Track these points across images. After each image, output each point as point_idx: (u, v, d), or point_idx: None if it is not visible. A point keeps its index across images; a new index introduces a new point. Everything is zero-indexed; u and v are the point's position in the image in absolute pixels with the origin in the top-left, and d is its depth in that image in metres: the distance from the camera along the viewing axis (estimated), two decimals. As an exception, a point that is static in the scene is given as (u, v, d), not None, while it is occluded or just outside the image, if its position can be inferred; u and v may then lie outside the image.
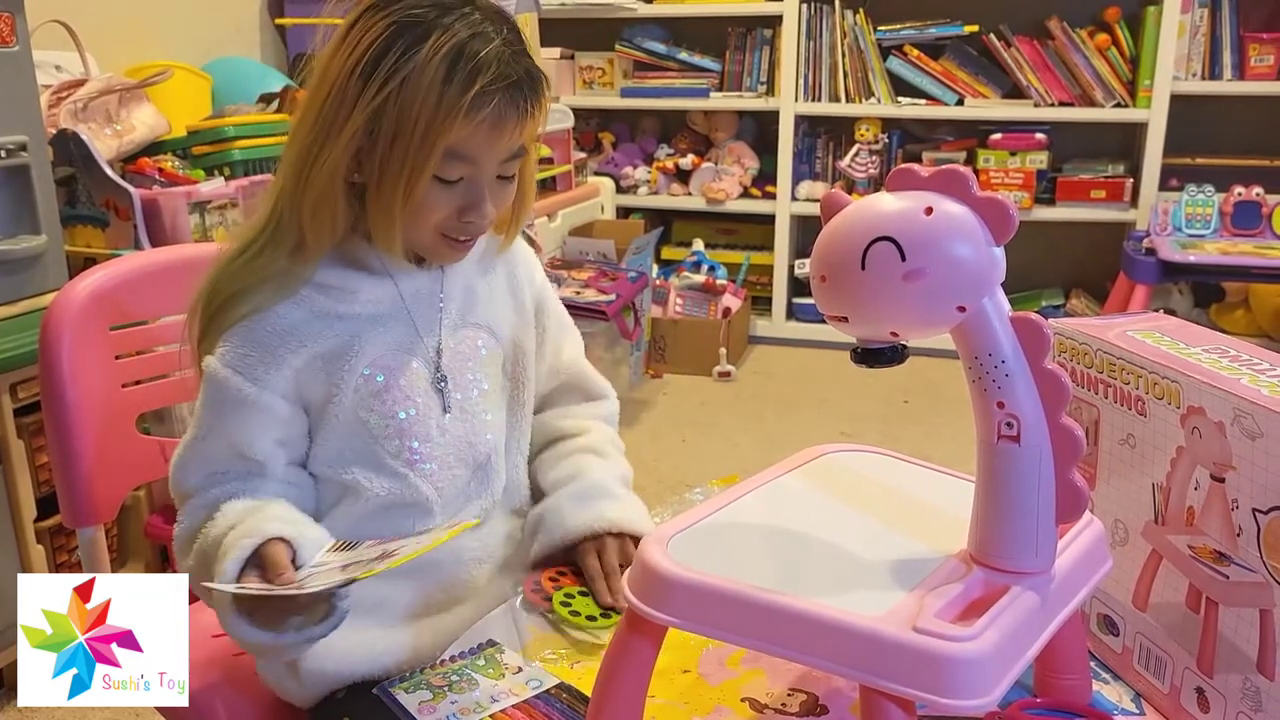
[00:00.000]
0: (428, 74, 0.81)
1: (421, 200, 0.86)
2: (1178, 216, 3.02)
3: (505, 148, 0.87)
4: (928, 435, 2.82)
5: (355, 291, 0.91)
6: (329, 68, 0.85)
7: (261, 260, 0.89)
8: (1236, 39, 3.27)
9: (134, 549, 1.90)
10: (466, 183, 0.87)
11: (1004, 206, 0.58)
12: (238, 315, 0.89)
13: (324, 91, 0.84)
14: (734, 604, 0.61)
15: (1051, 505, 0.61)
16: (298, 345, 0.89)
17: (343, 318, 0.90)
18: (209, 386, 0.90)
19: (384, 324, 0.92)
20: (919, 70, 3.53)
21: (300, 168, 0.86)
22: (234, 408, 0.88)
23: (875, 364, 0.62)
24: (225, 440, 0.90)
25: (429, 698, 0.79)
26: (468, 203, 0.88)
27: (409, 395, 0.92)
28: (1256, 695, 0.67)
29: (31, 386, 1.65)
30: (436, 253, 0.92)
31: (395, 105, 0.82)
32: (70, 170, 1.85)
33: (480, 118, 0.83)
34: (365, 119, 0.83)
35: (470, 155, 0.86)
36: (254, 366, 0.88)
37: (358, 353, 0.90)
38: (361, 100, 0.82)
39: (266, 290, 0.89)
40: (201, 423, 0.91)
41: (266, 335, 0.88)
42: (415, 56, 0.81)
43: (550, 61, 3.73)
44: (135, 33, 2.49)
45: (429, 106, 0.82)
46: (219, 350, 0.89)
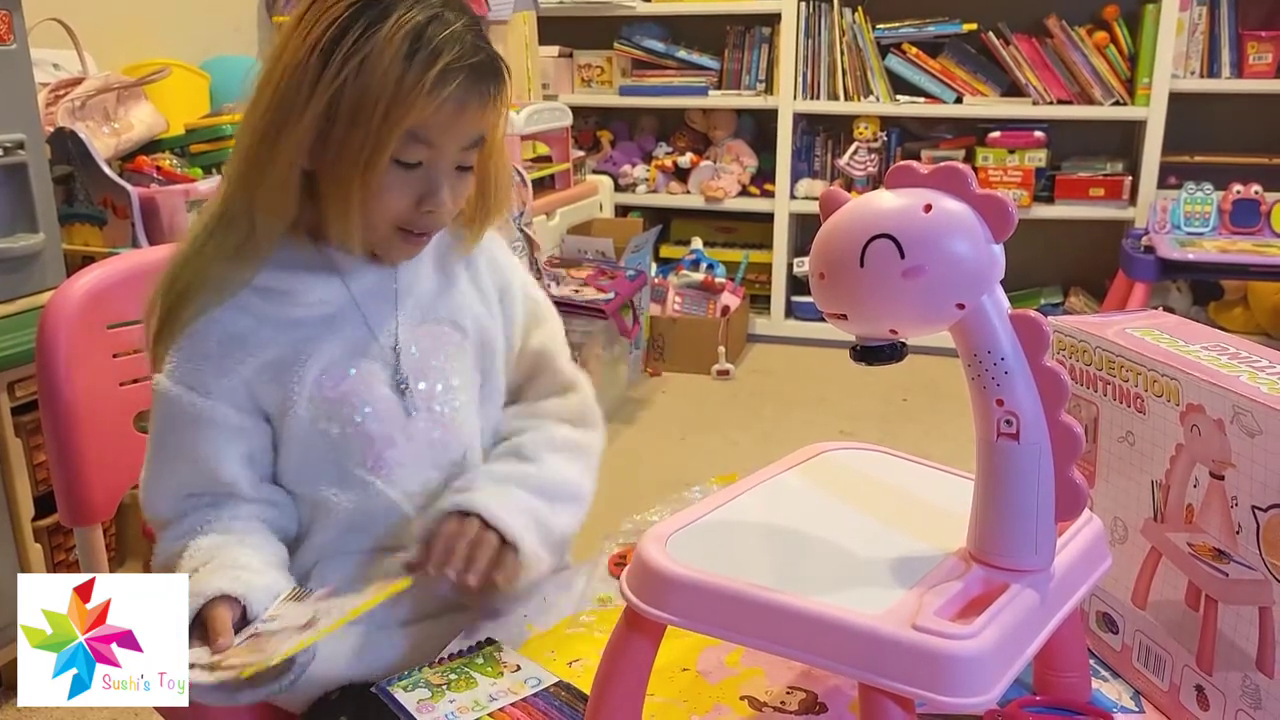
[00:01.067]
0: (389, 51, 0.80)
1: (380, 186, 0.83)
2: (1176, 214, 3.02)
3: (466, 132, 0.85)
4: (926, 433, 2.82)
5: (300, 293, 0.88)
6: (284, 50, 0.82)
7: (207, 251, 0.86)
8: (1235, 37, 3.27)
9: (132, 547, 1.90)
10: (425, 169, 0.85)
11: (1003, 204, 0.57)
12: (184, 320, 0.86)
13: (280, 74, 0.82)
14: (733, 602, 0.61)
15: (1051, 503, 0.60)
16: (245, 355, 0.87)
17: (290, 322, 0.88)
18: (161, 405, 0.88)
19: (334, 326, 0.89)
20: (917, 68, 3.53)
21: (255, 154, 0.83)
22: (189, 425, 0.87)
23: (874, 361, 0.61)
24: (188, 461, 0.88)
25: (427, 696, 0.78)
26: (426, 190, 0.85)
27: (367, 400, 0.89)
28: (1256, 693, 0.67)
29: (29, 385, 1.65)
30: (390, 248, 0.89)
31: (356, 84, 0.80)
32: (68, 168, 1.84)
33: (443, 96, 0.81)
34: (325, 100, 0.81)
35: (431, 138, 0.83)
36: (204, 379, 0.86)
37: (308, 359, 0.88)
38: (322, 80, 0.80)
39: (209, 291, 0.86)
40: (160, 444, 0.89)
41: (213, 346, 0.86)
42: (376, 35, 0.80)
43: (549, 59, 3.73)
44: (133, 31, 2.48)
45: (390, 84, 0.80)
46: (166, 367, 0.87)
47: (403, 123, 0.81)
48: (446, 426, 0.94)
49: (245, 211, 0.85)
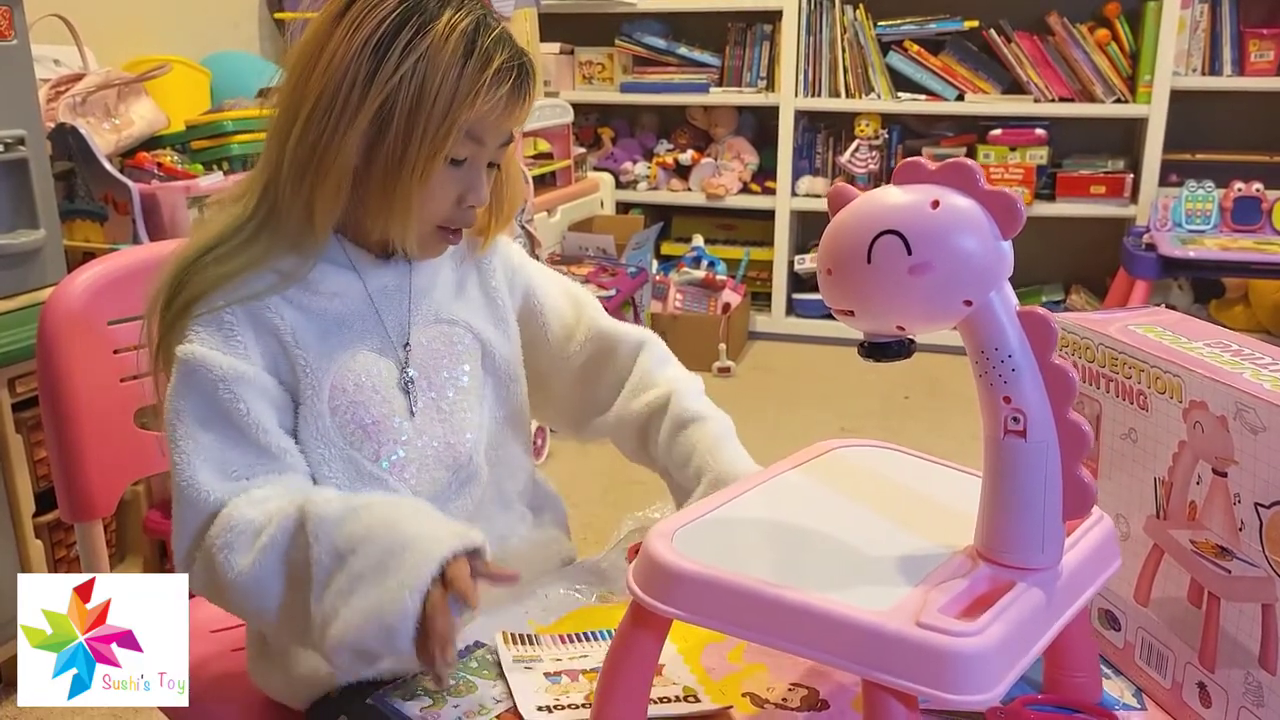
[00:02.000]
0: (446, 51, 0.81)
1: (432, 184, 0.84)
2: (1178, 212, 3.02)
3: (508, 130, 0.88)
4: (928, 431, 2.82)
5: (318, 282, 0.88)
6: (328, 48, 0.82)
7: (250, 252, 0.85)
8: (1236, 34, 3.26)
9: (133, 544, 1.90)
10: (468, 167, 0.87)
11: (1011, 200, 0.57)
12: (214, 305, 0.84)
13: (328, 69, 0.81)
14: (738, 597, 0.61)
15: (1058, 501, 0.60)
16: (270, 331, 0.86)
17: (309, 310, 0.88)
18: (188, 377, 0.82)
19: (348, 321, 0.89)
20: (919, 66, 3.53)
21: (308, 155, 0.82)
22: (227, 388, 0.82)
23: (882, 358, 0.61)
24: (229, 433, 0.82)
25: (429, 703, 0.77)
26: (469, 187, 0.87)
27: (381, 397, 0.89)
28: (1258, 690, 0.67)
29: (30, 381, 1.64)
30: (428, 245, 0.90)
31: (414, 82, 0.80)
32: (69, 165, 1.84)
33: (498, 95, 0.83)
34: (381, 98, 0.81)
35: (482, 136, 0.85)
36: (238, 344, 0.84)
37: (328, 353, 0.88)
38: (378, 78, 0.80)
39: (254, 286, 0.85)
40: (190, 423, 0.82)
41: (241, 316, 0.85)
42: (431, 33, 0.81)
43: (550, 56, 3.72)
44: (134, 27, 2.48)
45: (450, 83, 0.81)
46: (190, 338, 0.83)
47: (462, 120, 0.82)
48: (452, 426, 0.94)
49: (297, 213, 0.84)
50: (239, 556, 0.78)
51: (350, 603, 0.73)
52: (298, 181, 0.84)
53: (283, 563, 0.78)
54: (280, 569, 0.78)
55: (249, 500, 0.81)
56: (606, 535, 1.05)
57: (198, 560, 0.81)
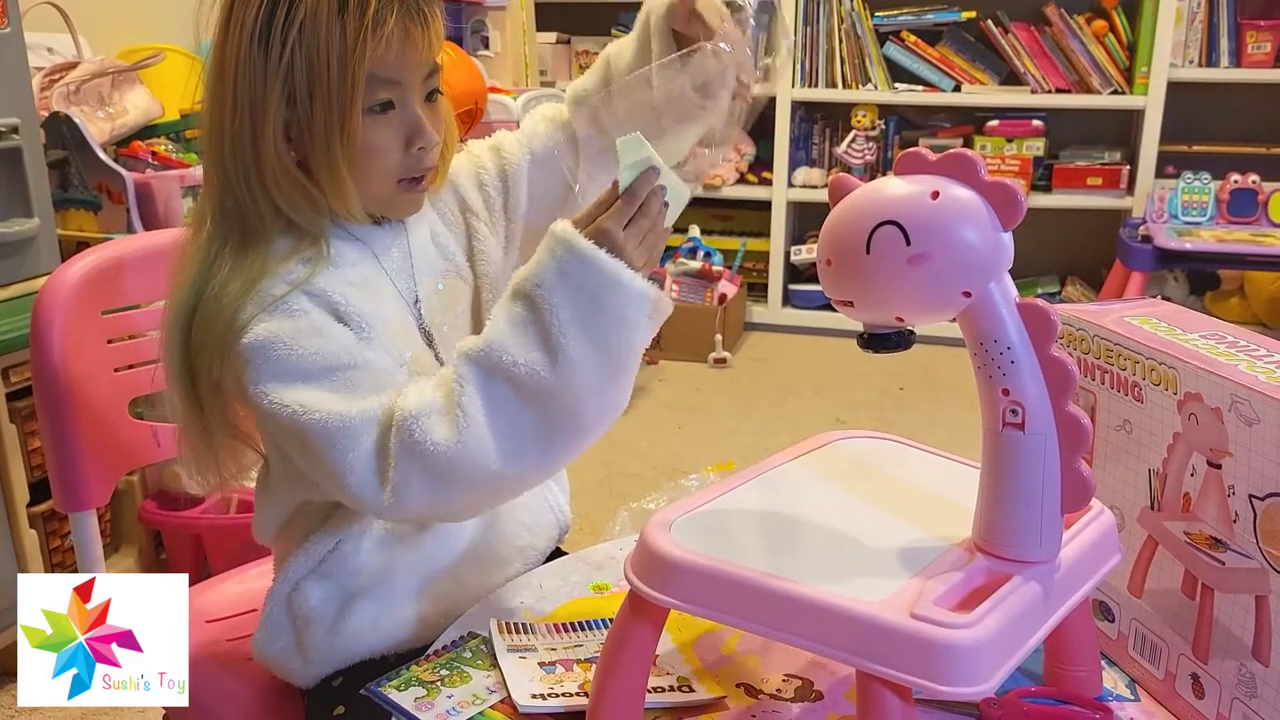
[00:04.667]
0: (321, 10, 0.81)
1: (365, 142, 0.84)
2: (1174, 204, 3.02)
3: (421, 60, 0.86)
4: (924, 422, 2.82)
5: (345, 259, 0.89)
6: (224, 52, 0.83)
7: (251, 258, 0.84)
8: (1234, 26, 3.26)
9: (127, 534, 1.90)
10: (399, 109, 0.86)
11: (1012, 191, 0.57)
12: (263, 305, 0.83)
13: (230, 75, 0.83)
14: (734, 587, 0.61)
15: (1056, 494, 0.60)
16: (330, 308, 0.85)
17: (348, 282, 0.88)
18: (268, 353, 0.80)
19: (372, 288, 0.90)
20: (916, 56, 3.52)
21: (244, 161, 0.83)
22: (312, 342, 0.81)
23: (881, 349, 0.61)
24: (338, 375, 0.81)
25: (423, 694, 0.77)
26: (410, 129, 0.87)
27: (406, 349, 0.90)
28: (1251, 681, 0.68)
29: (24, 370, 1.64)
30: (396, 203, 0.91)
31: (302, 55, 0.81)
32: (62, 153, 1.84)
33: (386, 33, 0.82)
34: (280, 83, 0.81)
35: (391, 75, 0.85)
36: (302, 311, 0.83)
37: (373, 312, 0.87)
38: (269, 67, 0.81)
39: (291, 274, 0.84)
40: (294, 391, 0.79)
41: (298, 295, 0.84)
42: (303, 3, 0.81)
43: (546, 46, 3.71)
44: (128, 15, 2.47)
45: (335, 40, 0.81)
46: (250, 327, 0.81)
47: (360, 70, 0.82)
48: None
49: (272, 211, 0.85)
50: (439, 433, 0.76)
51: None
52: (250, 190, 0.84)
53: (494, 401, 0.76)
54: (494, 409, 0.76)
55: (403, 396, 0.79)
56: (602, 525, 1.05)
57: (398, 473, 0.77)
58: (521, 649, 0.81)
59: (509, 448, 0.77)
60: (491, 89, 2.80)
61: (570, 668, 0.79)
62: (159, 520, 1.84)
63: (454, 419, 0.76)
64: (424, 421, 0.76)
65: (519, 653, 0.81)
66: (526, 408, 0.76)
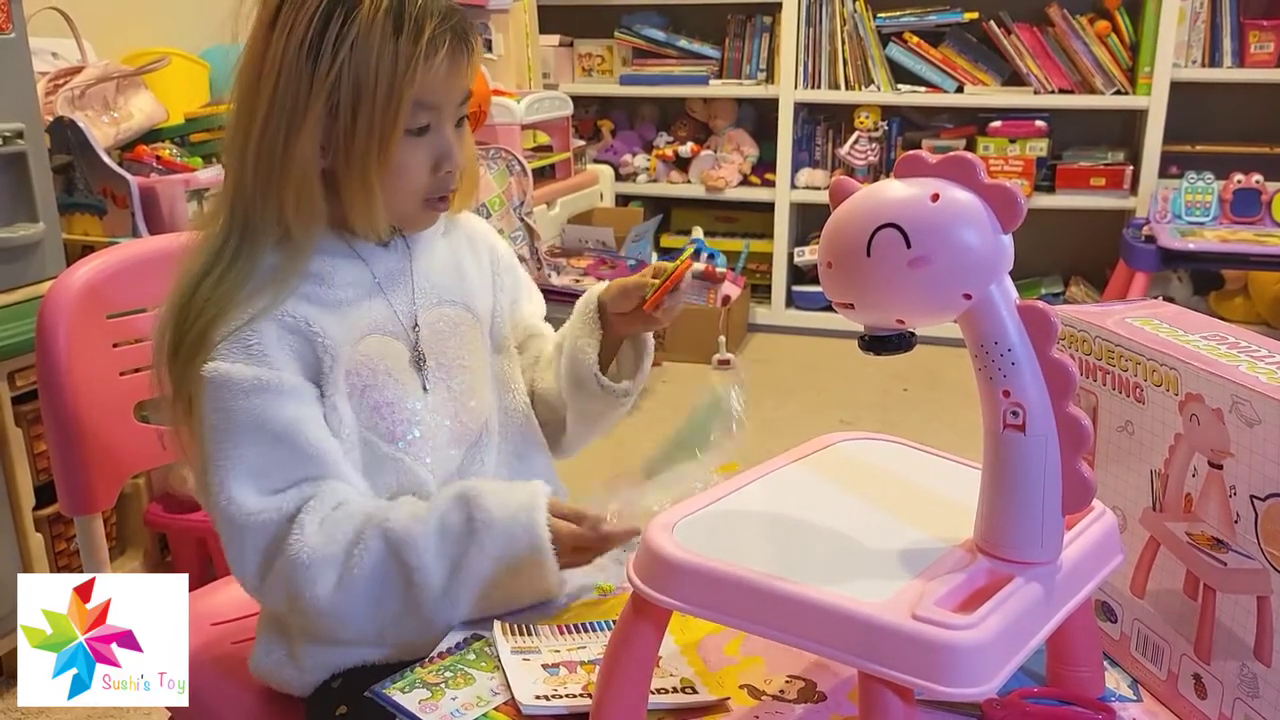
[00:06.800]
0: (375, 33, 0.82)
1: (397, 160, 0.86)
2: (1177, 204, 3.02)
3: (459, 88, 0.89)
4: (927, 423, 2.82)
5: (331, 275, 0.90)
6: (267, 58, 0.83)
7: (240, 267, 0.86)
8: (1237, 26, 3.25)
9: (133, 537, 1.90)
10: (432, 133, 0.88)
11: (1012, 194, 0.57)
12: (231, 328, 0.84)
13: (272, 80, 0.83)
14: (736, 589, 0.61)
15: (1058, 495, 0.60)
16: (295, 331, 0.87)
17: (326, 304, 0.89)
18: (218, 393, 0.83)
19: (362, 307, 0.91)
20: (919, 57, 3.52)
21: (268, 164, 0.84)
22: (260, 399, 0.83)
23: (882, 351, 0.61)
24: (266, 444, 0.83)
25: (427, 695, 0.77)
26: (440, 152, 0.89)
27: (395, 379, 0.91)
28: (1253, 681, 0.68)
29: (29, 374, 1.65)
30: (417, 219, 0.93)
31: (351, 72, 0.82)
32: (67, 158, 1.84)
33: (437, 62, 0.84)
34: (325, 95, 0.82)
35: (433, 101, 0.87)
36: (264, 353, 0.84)
37: (342, 338, 0.89)
38: (316, 76, 0.82)
39: (265, 295, 0.85)
40: (229, 435, 0.83)
41: (263, 325, 0.85)
42: (357, 19, 0.82)
43: (549, 48, 3.72)
44: (132, 20, 2.47)
45: (387, 62, 0.82)
46: (215, 356, 0.84)
47: (407, 94, 0.84)
48: (465, 406, 0.96)
49: (270, 218, 0.86)
50: (321, 587, 0.84)
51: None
52: (264, 193, 0.85)
53: (377, 580, 0.85)
54: (375, 587, 0.85)
55: (303, 527, 0.84)
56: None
57: (270, 586, 0.86)
58: (525, 651, 0.82)
59: (369, 615, 0.86)
60: (495, 91, 2.80)
61: (574, 669, 0.79)
62: (164, 523, 1.84)
63: (339, 579, 0.84)
64: (313, 571, 0.83)
65: (523, 655, 0.81)
66: (402, 595, 0.85)
